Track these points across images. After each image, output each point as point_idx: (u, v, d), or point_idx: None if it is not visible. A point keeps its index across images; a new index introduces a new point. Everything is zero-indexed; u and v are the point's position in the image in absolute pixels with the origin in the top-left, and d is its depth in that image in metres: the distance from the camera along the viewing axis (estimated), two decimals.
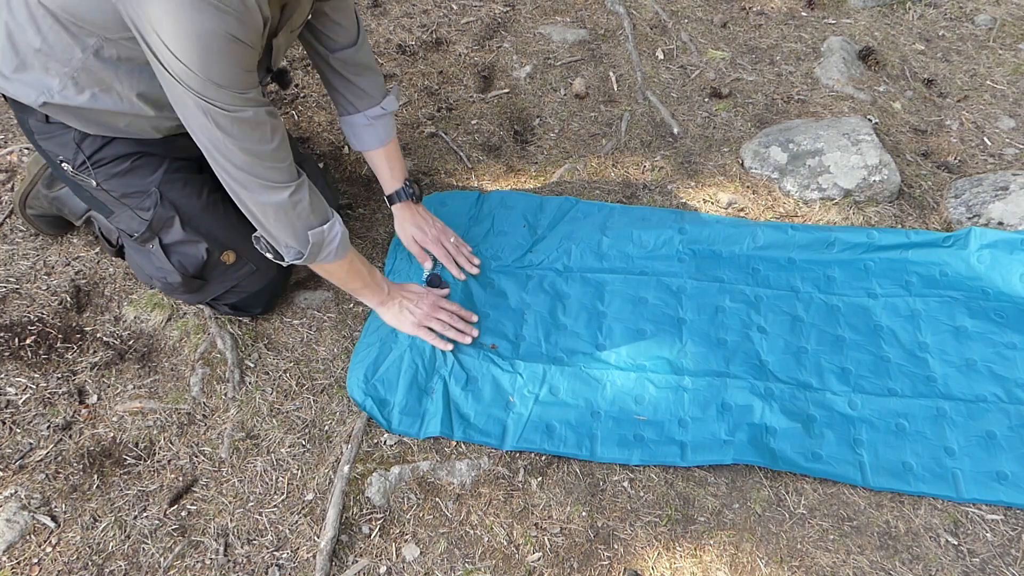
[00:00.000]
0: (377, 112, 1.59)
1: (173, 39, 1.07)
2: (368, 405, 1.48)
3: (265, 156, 1.23)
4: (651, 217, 1.85)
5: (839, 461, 1.43)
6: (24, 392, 1.48)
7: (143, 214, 1.43)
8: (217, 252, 1.49)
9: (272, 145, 1.24)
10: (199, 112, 1.15)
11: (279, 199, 1.28)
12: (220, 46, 1.09)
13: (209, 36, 1.08)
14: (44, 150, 1.40)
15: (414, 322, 1.56)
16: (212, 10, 1.06)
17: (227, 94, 1.14)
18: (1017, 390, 1.53)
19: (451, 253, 1.69)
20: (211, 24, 1.07)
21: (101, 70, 1.26)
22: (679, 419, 1.49)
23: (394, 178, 1.66)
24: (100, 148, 1.38)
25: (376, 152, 1.64)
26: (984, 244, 1.76)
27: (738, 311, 1.67)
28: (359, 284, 1.52)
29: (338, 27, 1.47)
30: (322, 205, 1.37)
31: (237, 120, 1.17)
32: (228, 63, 1.12)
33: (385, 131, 1.62)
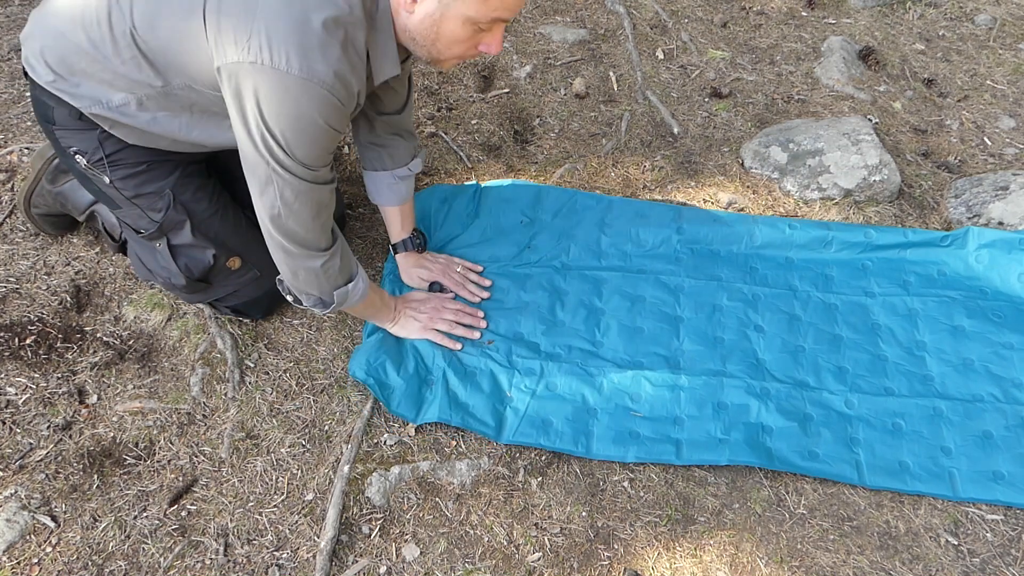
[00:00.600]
0: (404, 173, 1.61)
1: (272, 114, 1.10)
2: (370, 383, 1.49)
3: (312, 227, 1.27)
4: (650, 214, 1.85)
5: (835, 460, 1.43)
6: (24, 392, 1.48)
7: (154, 215, 1.43)
8: (224, 258, 1.49)
9: (322, 218, 1.28)
10: (268, 180, 1.18)
11: (313, 265, 1.32)
12: (315, 132, 1.14)
13: (308, 121, 1.12)
14: (58, 139, 1.38)
15: (420, 327, 1.58)
16: (321, 102, 1.10)
17: (302, 170, 1.18)
18: (1014, 390, 1.53)
19: (460, 282, 1.69)
20: (315, 112, 1.11)
21: (173, 104, 1.28)
22: (675, 417, 1.49)
23: (403, 230, 1.69)
24: (120, 149, 1.38)
25: (392, 208, 1.66)
26: (982, 244, 1.76)
27: (735, 310, 1.68)
28: (372, 311, 1.56)
29: (394, 94, 1.49)
30: (349, 265, 1.40)
31: (301, 195, 1.21)
32: (316, 145, 1.17)
33: (406, 190, 1.65)
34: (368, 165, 1.61)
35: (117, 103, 1.27)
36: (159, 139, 1.35)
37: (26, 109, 2.02)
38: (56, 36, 1.26)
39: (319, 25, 1.07)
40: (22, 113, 2.02)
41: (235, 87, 1.11)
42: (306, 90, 1.09)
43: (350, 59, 1.12)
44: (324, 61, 1.08)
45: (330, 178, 1.26)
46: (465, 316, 1.62)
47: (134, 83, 1.24)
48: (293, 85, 1.08)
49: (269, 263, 1.54)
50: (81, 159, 1.38)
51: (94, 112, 1.29)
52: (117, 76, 1.24)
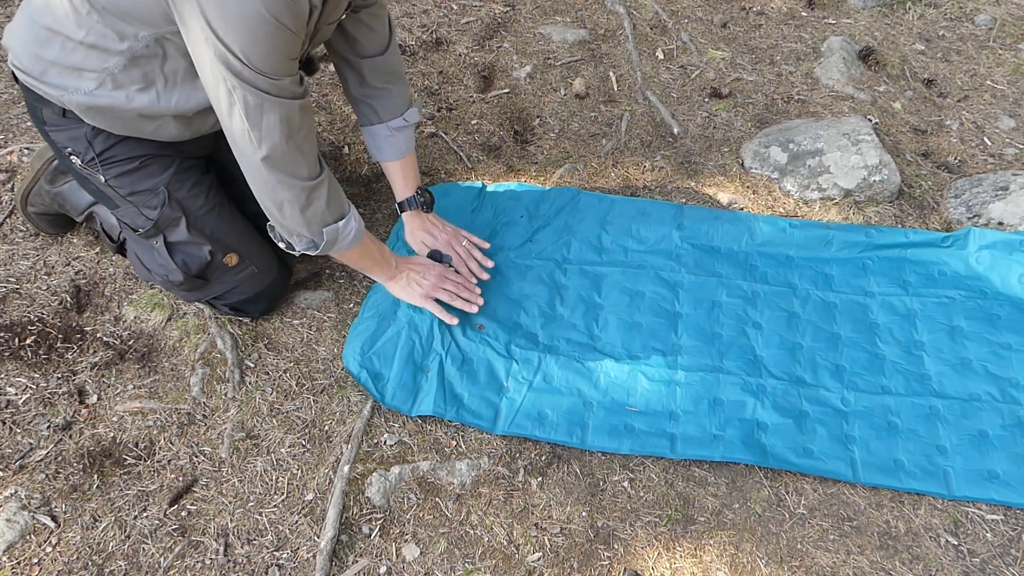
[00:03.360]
0: (399, 124, 1.57)
1: (219, 19, 1.06)
2: (363, 377, 1.50)
3: (288, 149, 1.21)
4: (651, 212, 1.85)
5: (830, 457, 1.43)
6: (24, 392, 1.48)
7: (149, 212, 1.43)
8: (220, 254, 1.49)
9: (297, 139, 1.22)
10: (230, 98, 1.13)
11: (295, 194, 1.26)
12: (266, 30, 1.08)
13: (256, 19, 1.06)
14: (53, 140, 1.39)
15: (422, 293, 1.56)
16: None
17: (263, 80, 1.12)
18: (1011, 389, 1.53)
19: (463, 257, 1.68)
20: (260, 8, 1.05)
21: (144, 66, 1.25)
22: (670, 412, 1.49)
23: (407, 187, 1.66)
24: (111, 146, 1.37)
25: (393, 163, 1.63)
26: (983, 245, 1.76)
27: (734, 306, 1.68)
28: (369, 263, 1.53)
29: (371, 32, 1.45)
30: (339, 201, 1.35)
31: (268, 111, 1.15)
32: (270, 48, 1.10)
33: (405, 143, 1.61)
34: (363, 120, 1.58)
35: (91, 87, 1.26)
36: (143, 122, 1.34)
37: (26, 109, 2.02)
38: (27, 29, 1.27)
39: None
40: (22, 113, 2.02)
41: (181, 5, 1.08)
42: None
43: None
44: None
45: (297, 92, 1.19)
46: (464, 290, 1.61)
47: (102, 55, 1.23)
48: None
49: (266, 259, 1.55)
50: (76, 160, 1.38)
51: (73, 101, 1.29)
52: (86, 55, 1.23)
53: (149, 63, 1.25)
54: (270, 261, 1.55)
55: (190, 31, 1.10)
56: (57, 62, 1.26)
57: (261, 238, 1.55)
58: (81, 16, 1.20)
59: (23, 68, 1.30)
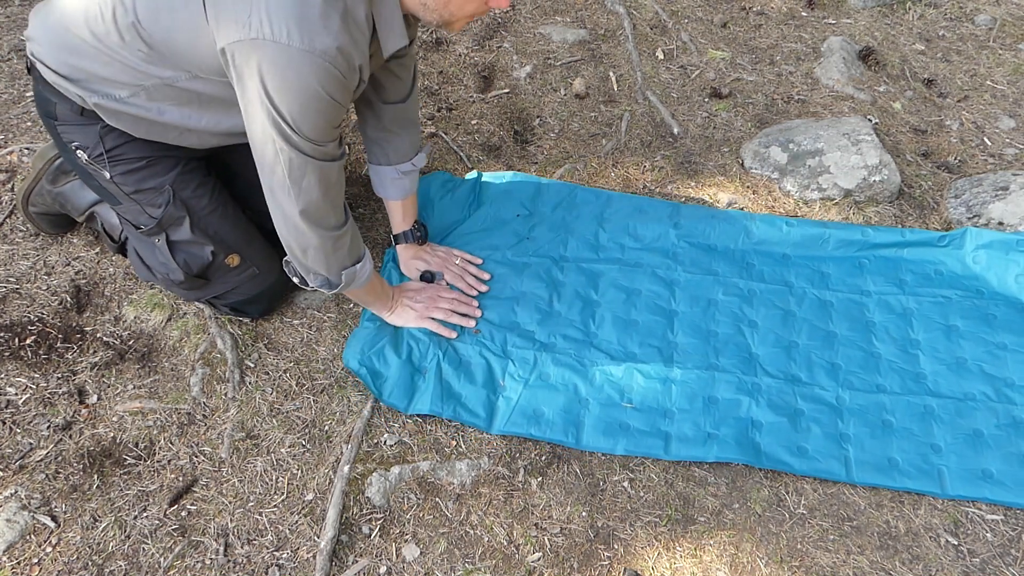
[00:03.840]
0: (407, 168, 1.62)
1: (276, 88, 1.11)
2: (363, 373, 1.51)
3: (322, 205, 1.27)
4: (648, 209, 1.86)
5: (824, 456, 1.44)
6: (24, 392, 1.48)
7: (153, 211, 1.44)
8: (222, 254, 1.50)
9: (332, 194, 1.28)
10: (276, 158, 1.19)
11: (323, 243, 1.32)
12: (319, 105, 1.15)
13: (311, 95, 1.13)
14: (60, 135, 1.39)
15: (416, 315, 1.59)
16: (323, 73, 1.11)
17: (309, 146, 1.19)
18: (1006, 389, 1.54)
19: (459, 275, 1.70)
20: (316, 84, 1.12)
21: (180, 95, 1.28)
22: (665, 410, 1.50)
23: (404, 223, 1.70)
24: (121, 144, 1.38)
25: (395, 202, 1.67)
26: (980, 245, 1.76)
27: (730, 304, 1.68)
28: (372, 298, 1.57)
29: (397, 80, 1.49)
30: (358, 245, 1.41)
31: (309, 171, 1.22)
32: (320, 119, 1.17)
33: (410, 185, 1.66)
34: (373, 159, 1.62)
35: (124, 96, 1.28)
36: (167, 130, 1.36)
37: (26, 109, 2.02)
38: (60, 33, 1.27)
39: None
40: (22, 113, 2.02)
41: (238, 66, 1.12)
42: (308, 62, 1.09)
43: (350, 31, 1.13)
44: (325, 33, 1.09)
45: (337, 155, 1.26)
46: (461, 305, 1.63)
47: (141, 75, 1.25)
48: (295, 57, 1.09)
49: (267, 261, 1.55)
50: (82, 154, 1.39)
51: (100, 104, 1.30)
52: (124, 69, 1.25)
53: (186, 92, 1.28)
54: (271, 262, 1.55)
55: (246, 90, 1.15)
56: (89, 70, 1.27)
57: (263, 239, 1.55)
58: (126, 43, 1.22)
59: (49, 66, 1.30)
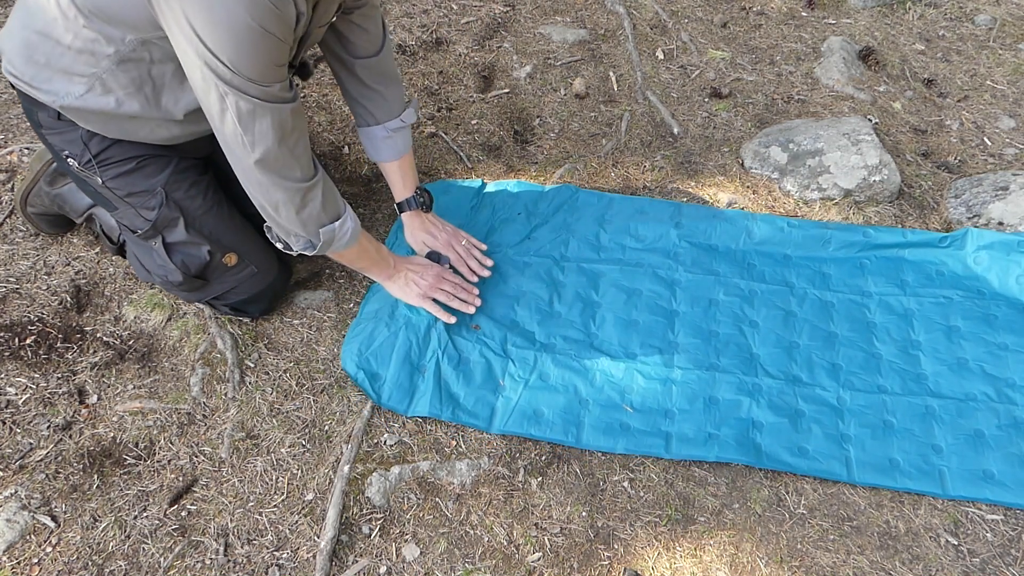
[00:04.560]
0: (396, 124, 1.58)
1: (205, 28, 1.06)
2: (360, 377, 1.50)
3: (281, 152, 1.22)
4: (649, 210, 1.86)
5: (825, 456, 1.43)
6: (24, 392, 1.48)
7: (147, 213, 1.43)
8: (219, 254, 1.49)
9: (289, 142, 1.23)
10: (221, 104, 1.14)
11: (290, 196, 1.27)
12: (253, 39, 1.08)
13: (242, 28, 1.07)
14: (50, 143, 1.40)
15: (420, 293, 1.57)
16: (251, 3, 1.05)
17: (253, 87, 1.13)
18: (1008, 390, 1.54)
19: (463, 256, 1.69)
20: (246, 16, 1.06)
21: (132, 71, 1.26)
22: (666, 410, 1.50)
23: (406, 188, 1.66)
24: (107, 148, 1.38)
25: (391, 164, 1.64)
26: (981, 245, 1.76)
27: (731, 305, 1.68)
28: (367, 263, 1.54)
29: (364, 33, 1.46)
30: (335, 202, 1.36)
31: (259, 116, 1.16)
32: (258, 55, 1.11)
33: (403, 143, 1.62)
34: (360, 122, 1.59)
35: (81, 92, 1.27)
36: (135, 124, 1.34)
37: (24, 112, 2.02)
38: (20, 35, 1.27)
39: None
40: (22, 113, 2.02)
41: (164, 11, 1.08)
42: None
43: None
44: None
45: (287, 97, 1.19)
46: (462, 291, 1.61)
47: (90, 59, 1.23)
48: None
49: (266, 260, 1.55)
50: (73, 162, 1.39)
51: (64, 106, 1.29)
52: (75, 59, 1.23)
53: (136, 67, 1.26)
54: (269, 261, 1.55)
55: (176, 37, 1.10)
56: (48, 66, 1.26)
57: (260, 238, 1.55)
58: (69, 20, 1.20)
59: (16, 73, 1.30)
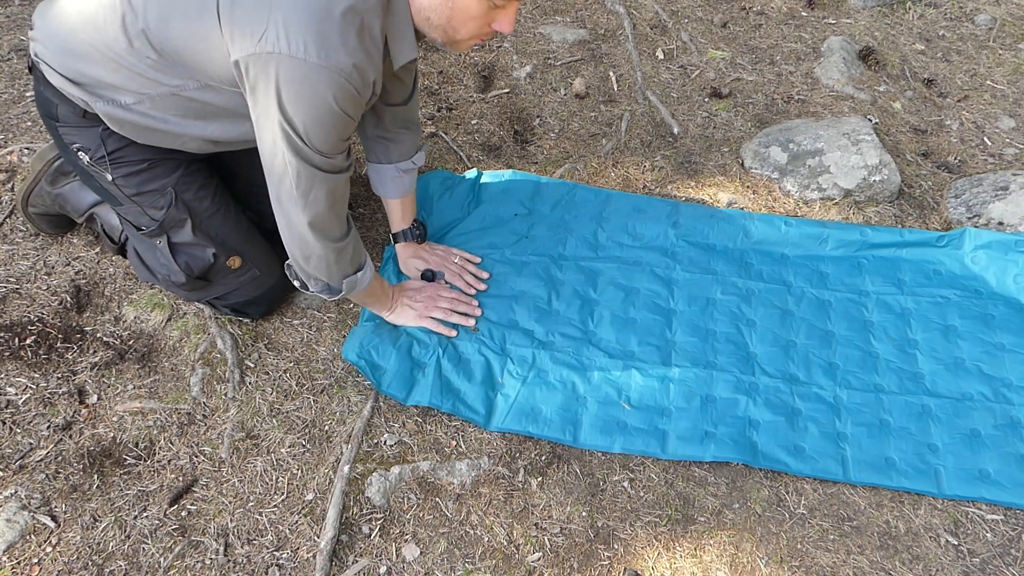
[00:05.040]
0: (407, 166, 1.62)
1: (291, 100, 1.12)
2: (362, 365, 1.51)
3: (328, 216, 1.28)
4: (647, 209, 1.86)
5: (822, 455, 1.44)
6: (24, 392, 1.48)
7: (154, 213, 1.44)
8: (224, 256, 1.50)
9: (338, 206, 1.29)
10: (284, 169, 1.20)
11: (327, 253, 1.33)
12: (332, 119, 1.16)
13: (325, 109, 1.13)
14: (61, 136, 1.39)
15: (416, 314, 1.59)
16: (338, 88, 1.11)
17: (319, 158, 1.20)
18: (1004, 389, 1.54)
19: (457, 272, 1.70)
20: (331, 100, 1.12)
21: (189, 104, 1.28)
22: (663, 408, 1.50)
23: (404, 221, 1.70)
24: (123, 147, 1.38)
25: (395, 200, 1.67)
26: (979, 245, 1.76)
27: (729, 303, 1.69)
28: (372, 300, 1.57)
29: (400, 84, 1.49)
30: (360, 254, 1.42)
31: (317, 183, 1.22)
32: (333, 133, 1.19)
33: (410, 183, 1.66)
34: (372, 158, 1.62)
35: (129, 103, 1.28)
36: (171, 138, 1.36)
37: (26, 109, 2.02)
38: (65, 37, 1.26)
39: (338, 14, 1.08)
40: (22, 113, 2.02)
41: (253, 78, 1.12)
42: (324, 77, 1.10)
43: (366, 47, 1.13)
44: (343, 49, 1.09)
45: (344, 167, 1.27)
46: (460, 304, 1.63)
47: (148, 82, 1.24)
48: (312, 72, 1.09)
49: (269, 263, 1.55)
50: (84, 156, 1.38)
51: (105, 111, 1.29)
52: (131, 76, 1.24)
53: (193, 102, 1.28)
54: (272, 264, 1.55)
55: (259, 102, 1.15)
56: (95, 76, 1.26)
57: (264, 241, 1.55)
58: (135, 49, 1.21)
59: (54, 68, 1.29)
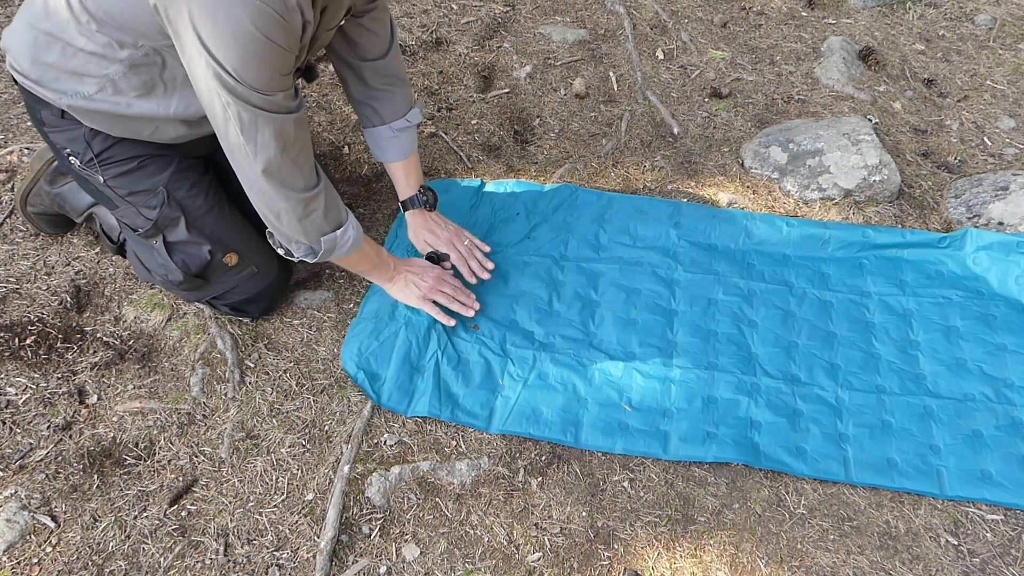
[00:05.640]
0: (402, 124, 1.58)
1: (211, 37, 1.06)
2: (360, 378, 1.51)
3: (284, 162, 1.22)
4: (648, 210, 1.86)
5: (823, 456, 1.44)
6: (24, 392, 1.48)
7: (148, 212, 1.44)
8: (220, 254, 1.49)
9: (292, 151, 1.23)
10: (224, 112, 1.15)
11: (292, 205, 1.27)
12: (257, 48, 1.09)
13: (247, 37, 1.07)
14: (52, 141, 1.40)
15: (420, 295, 1.57)
16: (254, 11, 1.05)
17: (257, 96, 1.13)
18: (1006, 390, 1.54)
19: (464, 256, 1.69)
20: (250, 26, 1.06)
21: (144, 74, 1.26)
22: (664, 409, 1.50)
23: (409, 186, 1.66)
24: (109, 147, 1.38)
25: (396, 163, 1.64)
26: (980, 246, 1.76)
27: (730, 304, 1.68)
28: (368, 267, 1.54)
29: (372, 36, 1.45)
30: (336, 211, 1.36)
31: (261, 125, 1.17)
32: (262, 65, 1.11)
33: (409, 143, 1.62)
34: (366, 123, 1.59)
35: (91, 92, 1.27)
36: (142, 124, 1.34)
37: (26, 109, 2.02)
38: (27, 33, 1.27)
39: None
40: (22, 113, 2.02)
41: (172, 20, 1.08)
42: (238, 3, 1.04)
43: None
44: None
45: (292, 106, 1.20)
46: (461, 294, 1.62)
47: (101, 61, 1.23)
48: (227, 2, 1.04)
49: (266, 259, 1.55)
50: (75, 160, 1.39)
51: (71, 105, 1.29)
52: (88, 59, 1.23)
53: (148, 71, 1.26)
54: (270, 261, 1.55)
55: (184, 46, 1.11)
56: (57, 66, 1.26)
57: (261, 238, 1.55)
58: (81, 25, 1.20)
59: (22, 71, 1.30)
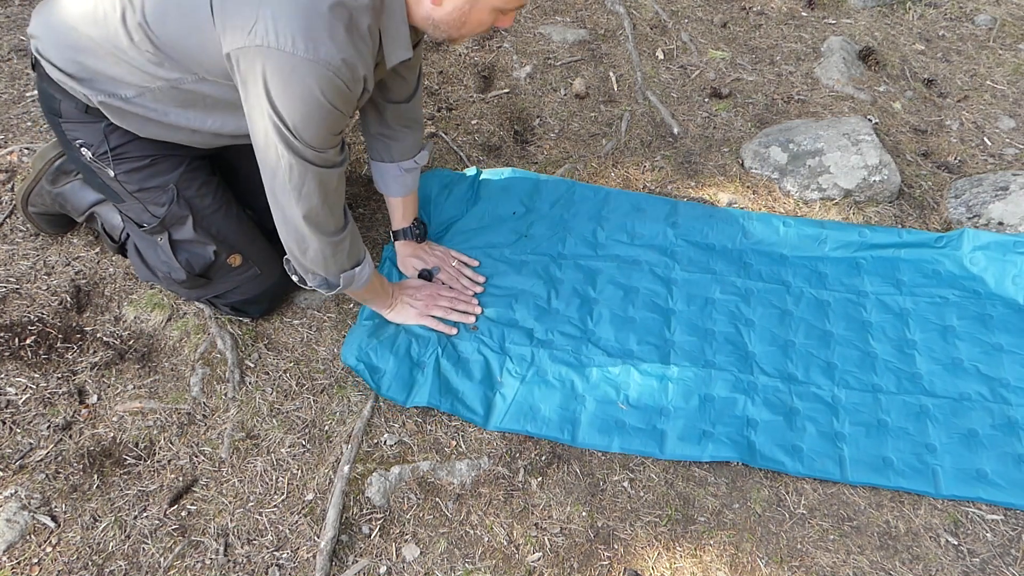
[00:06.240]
0: (410, 165, 1.63)
1: (279, 96, 1.13)
2: (360, 369, 1.52)
3: (322, 209, 1.29)
4: (646, 207, 1.86)
5: (819, 455, 1.44)
6: (24, 392, 1.48)
7: (156, 209, 1.44)
8: (224, 254, 1.50)
9: (331, 200, 1.30)
10: (277, 163, 1.21)
11: (323, 247, 1.33)
12: (322, 114, 1.16)
13: (314, 103, 1.14)
14: (64, 132, 1.40)
15: (416, 313, 1.60)
16: (325, 81, 1.12)
17: (310, 152, 1.21)
18: (1002, 389, 1.54)
19: (454, 275, 1.71)
20: (319, 93, 1.13)
21: (186, 98, 1.29)
22: (661, 408, 1.50)
23: (404, 219, 1.71)
24: (126, 143, 1.39)
25: (397, 199, 1.68)
26: (977, 246, 1.76)
27: (728, 303, 1.69)
28: (371, 296, 1.57)
29: (402, 81, 1.50)
30: (358, 249, 1.42)
31: (310, 177, 1.23)
32: (321, 127, 1.19)
33: (412, 182, 1.67)
34: (375, 156, 1.63)
35: (130, 95, 1.29)
36: (172, 131, 1.36)
37: (26, 109, 2.02)
38: (66, 32, 1.27)
39: (325, 9, 1.09)
40: (22, 113, 2.02)
41: (243, 71, 1.14)
42: (311, 70, 1.11)
43: (355, 43, 1.14)
44: (331, 43, 1.11)
45: (338, 161, 1.28)
46: (460, 302, 1.64)
47: (147, 76, 1.26)
48: (299, 66, 1.10)
49: (269, 261, 1.55)
50: (87, 151, 1.39)
51: (106, 103, 1.30)
52: (132, 70, 1.25)
53: (192, 94, 1.29)
54: (273, 262, 1.55)
55: (249, 95, 1.16)
56: (96, 69, 1.27)
57: (265, 239, 1.55)
58: (135, 43, 1.22)
59: (53, 63, 1.30)
